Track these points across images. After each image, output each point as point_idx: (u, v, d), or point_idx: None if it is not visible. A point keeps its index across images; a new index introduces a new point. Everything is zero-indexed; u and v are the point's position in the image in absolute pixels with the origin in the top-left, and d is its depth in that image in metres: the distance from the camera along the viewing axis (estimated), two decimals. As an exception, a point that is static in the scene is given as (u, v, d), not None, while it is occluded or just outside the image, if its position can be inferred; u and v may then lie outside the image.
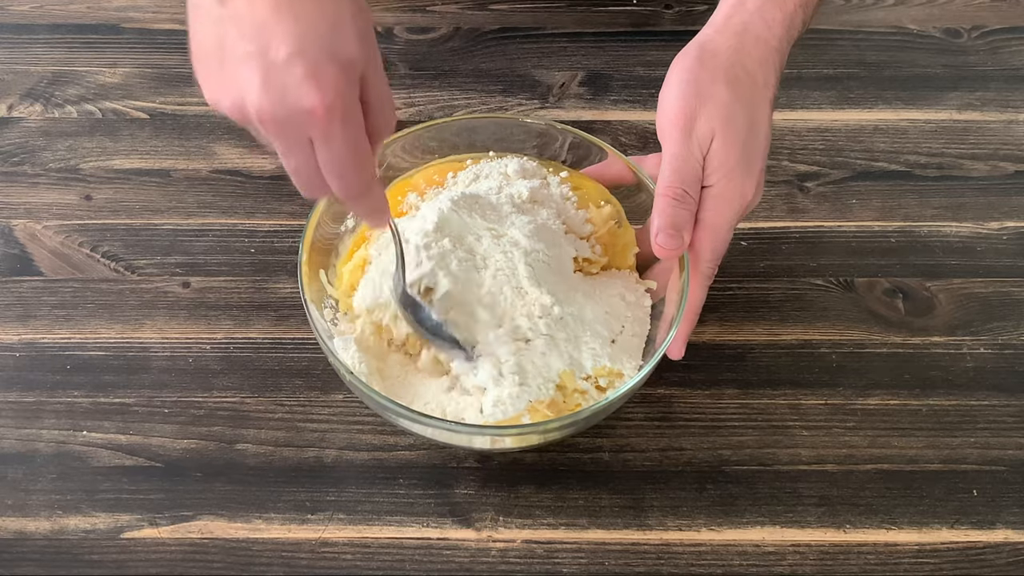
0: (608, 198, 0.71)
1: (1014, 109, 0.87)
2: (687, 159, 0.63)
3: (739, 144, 0.64)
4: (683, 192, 0.63)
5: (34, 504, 0.66)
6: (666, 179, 0.63)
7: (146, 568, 0.64)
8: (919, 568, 0.65)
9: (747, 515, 0.67)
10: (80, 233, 0.78)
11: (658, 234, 0.63)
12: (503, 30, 0.92)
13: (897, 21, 0.94)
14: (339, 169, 0.53)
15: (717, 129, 0.63)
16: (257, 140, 0.55)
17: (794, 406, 0.71)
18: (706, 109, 0.64)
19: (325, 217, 0.69)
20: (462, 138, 0.73)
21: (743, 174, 0.64)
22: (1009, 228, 0.80)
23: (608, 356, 0.64)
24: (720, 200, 0.64)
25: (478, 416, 0.62)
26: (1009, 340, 0.74)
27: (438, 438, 0.64)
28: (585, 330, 0.64)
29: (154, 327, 0.74)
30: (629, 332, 0.67)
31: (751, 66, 0.66)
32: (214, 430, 0.69)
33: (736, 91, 0.64)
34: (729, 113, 0.64)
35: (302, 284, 0.64)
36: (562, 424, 0.61)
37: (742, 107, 0.64)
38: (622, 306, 0.67)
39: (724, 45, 0.66)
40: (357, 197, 0.55)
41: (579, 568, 0.65)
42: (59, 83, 0.88)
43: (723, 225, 0.65)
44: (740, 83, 0.65)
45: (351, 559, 0.65)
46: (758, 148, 0.65)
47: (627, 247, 0.70)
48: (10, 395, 0.71)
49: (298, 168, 0.54)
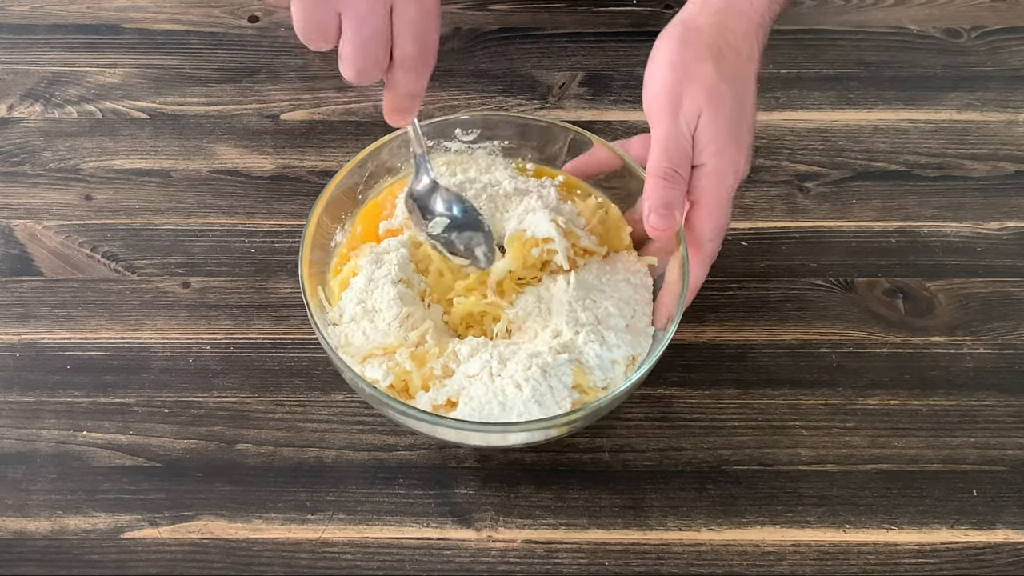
0: (588, 190, 0.72)
1: (1014, 109, 0.87)
2: (676, 139, 0.64)
3: (727, 120, 0.64)
4: (673, 172, 0.63)
5: (34, 504, 0.66)
6: (655, 159, 0.64)
7: (146, 568, 0.64)
8: (919, 568, 0.65)
9: (747, 515, 0.67)
10: (80, 233, 0.78)
11: (650, 214, 0.63)
12: (503, 30, 0.92)
13: (897, 21, 0.94)
14: (424, 27, 0.55)
15: (704, 107, 0.64)
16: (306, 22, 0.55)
17: (794, 406, 0.71)
18: (691, 87, 0.64)
19: (325, 217, 0.69)
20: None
21: (734, 149, 0.65)
22: (1009, 228, 0.80)
23: (628, 343, 0.65)
24: (714, 177, 0.65)
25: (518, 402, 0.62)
26: (1009, 340, 0.74)
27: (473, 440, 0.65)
28: (609, 329, 0.65)
29: (154, 327, 0.74)
30: (641, 313, 0.67)
31: (735, 41, 0.66)
32: (214, 430, 0.69)
33: (721, 67, 0.65)
34: (715, 90, 0.64)
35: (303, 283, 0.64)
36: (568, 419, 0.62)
37: (728, 83, 0.65)
38: (630, 290, 0.68)
39: (707, 22, 0.67)
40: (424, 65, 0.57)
41: (579, 568, 0.65)
42: (59, 83, 0.88)
43: (721, 202, 0.65)
44: (725, 59, 0.66)
45: (351, 559, 0.65)
46: (746, 122, 0.66)
47: (619, 228, 0.71)
48: (10, 395, 0.71)
49: (369, 37, 0.55)
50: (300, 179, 0.82)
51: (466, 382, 0.63)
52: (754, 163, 0.82)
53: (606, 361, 0.64)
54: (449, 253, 0.68)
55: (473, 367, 0.63)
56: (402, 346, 0.64)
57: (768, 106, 0.87)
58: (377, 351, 0.64)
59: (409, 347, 0.64)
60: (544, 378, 0.62)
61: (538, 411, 0.61)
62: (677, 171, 0.63)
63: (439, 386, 0.63)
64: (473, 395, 0.62)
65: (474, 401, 0.62)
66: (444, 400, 0.63)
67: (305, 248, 0.66)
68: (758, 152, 0.84)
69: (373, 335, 0.65)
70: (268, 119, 0.86)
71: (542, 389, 0.62)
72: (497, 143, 0.74)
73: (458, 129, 0.73)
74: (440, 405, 0.63)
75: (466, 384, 0.63)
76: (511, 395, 0.61)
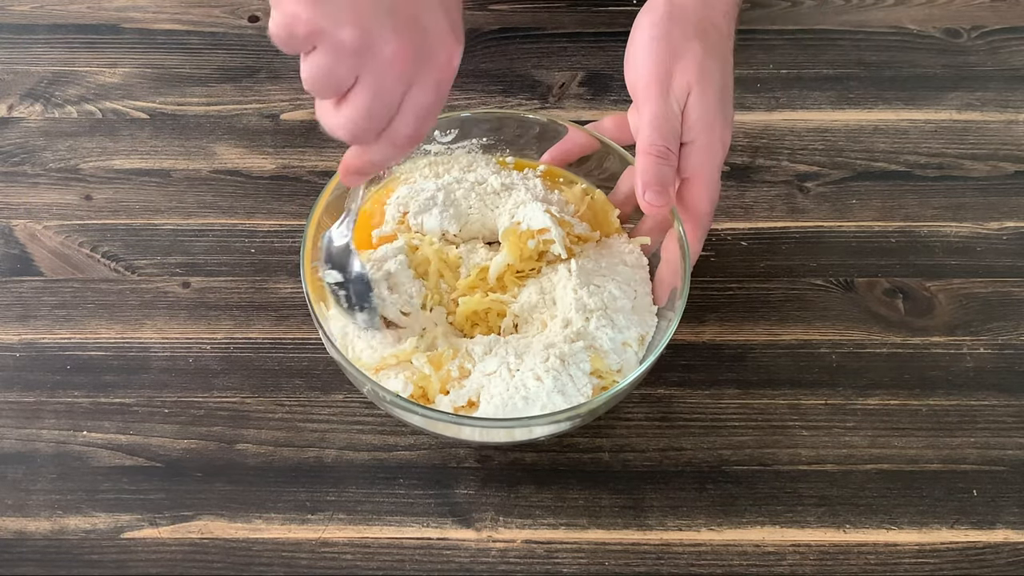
0: (570, 177, 0.73)
1: (1014, 109, 0.87)
2: (667, 117, 0.64)
3: (716, 96, 0.65)
4: (665, 149, 0.64)
5: (34, 504, 0.66)
6: (647, 138, 0.64)
7: (146, 568, 0.64)
8: (919, 568, 0.65)
9: (747, 515, 0.67)
10: (80, 233, 0.78)
11: (645, 191, 0.64)
12: (503, 30, 0.92)
13: (897, 21, 0.94)
14: (427, 114, 0.55)
15: (693, 84, 0.65)
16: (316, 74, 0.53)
17: (794, 406, 0.71)
18: (681, 65, 0.65)
19: (325, 217, 0.69)
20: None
21: (722, 124, 0.66)
22: (1009, 228, 0.80)
23: (636, 323, 0.66)
24: (705, 152, 0.65)
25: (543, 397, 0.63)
26: (1009, 340, 0.74)
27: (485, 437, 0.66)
28: (618, 312, 0.66)
29: (154, 327, 0.74)
30: (642, 293, 0.68)
31: (717, 19, 0.68)
32: (214, 430, 0.69)
33: (707, 45, 0.66)
34: (704, 67, 0.65)
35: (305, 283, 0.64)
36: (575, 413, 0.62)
37: (714, 60, 0.66)
38: (628, 271, 0.68)
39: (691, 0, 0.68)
40: (408, 144, 0.56)
41: (579, 568, 0.65)
42: (59, 83, 0.88)
43: (713, 174, 0.66)
44: (709, 36, 0.67)
45: (351, 559, 0.65)
46: (729, 98, 0.68)
47: (607, 212, 0.71)
48: (10, 395, 0.71)
49: (382, 109, 0.54)
50: (300, 179, 0.82)
51: (485, 380, 0.63)
52: (754, 163, 0.83)
53: (618, 344, 0.65)
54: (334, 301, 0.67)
55: (490, 365, 0.64)
56: (416, 352, 0.64)
57: (768, 106, 0.87)
58: (390, 359, 0.64)
59: (423, 352, 0.64)
60: (564, 367, 0.62)
61: (561, 401, 0.62)
62: (669, 148, 0.64)
63: (458, 387, 0.64)
64: (494, 393, 0.62)
65: (496, 398, 0.62)
66: (465, 401, 0.63)
67: (306, 248, 0.66)
68: (758, 152, 0.84)
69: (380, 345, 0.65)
70: (268, 119, 0.86)
71: (563, 379, 0.62)
72: (476, 141, 0.74)
73: (436, 132, 0.73)
74: (461, 407, 0.63)
75: (485, 383, 0.63)
76: (532, 388, 0.62)
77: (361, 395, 0.70)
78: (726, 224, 0.79)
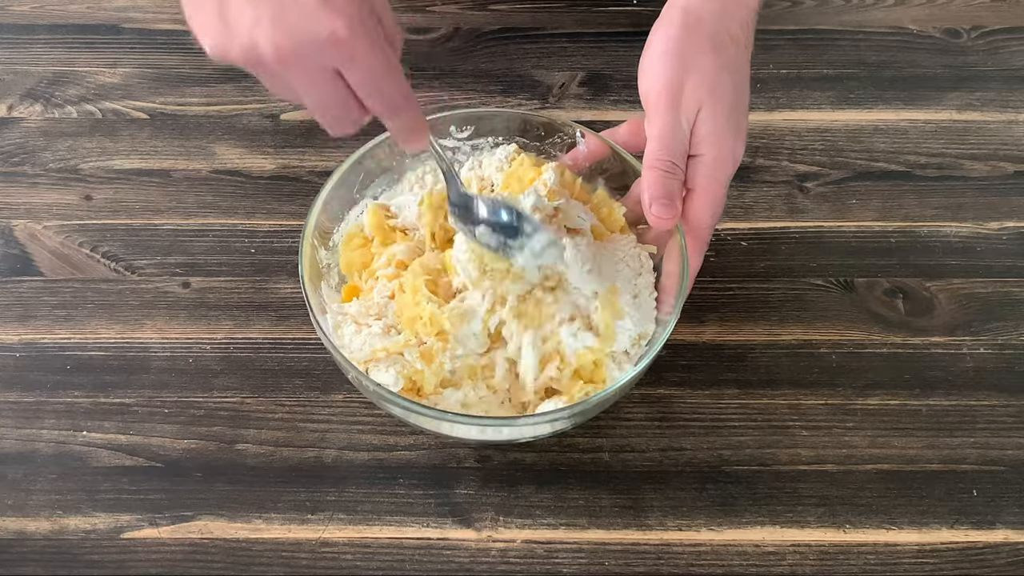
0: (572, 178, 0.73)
1: (1014, 109, 0.87)
2: (675, 132, 0.64)
3: (726, 111, 0.65)
4: (672, 164, 0.64)
5: (34, 504, 0.66)
6: (654, 152, 0.64)
7: (146, 568, 0.64)
8: (919, 568, 0.65)
9: (747, 515, 0.67)
10: (80, 233, 0.78)
11: (652, 204, 0.64)
12: (503, 30, 0.92)
13: (897, 21, 0.94)
14: (376, 84, 0.53)
15: (704, 100, 0.64)
16: (272, 90, 0.54)
17: (794, 406, 0.71)
18: (692, 79, 0.65)
19: (324, 217, 0.69)
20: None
21: (733, 137, 0.65)
22: (1009, 228, 0.80)
23: (636, 320, 0.66)
24: (713, 167, 0.65)
25: None
26: (1009, 340, 0.74)
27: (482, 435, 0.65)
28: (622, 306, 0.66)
29: (154, 327, 0.74)
30: (645, 295, 0.68)
31: (734, 30, 0.67)
32: (214, 430, 0.69)
33: (721, 58, 0.66)
34: (716, 82, 0.65)
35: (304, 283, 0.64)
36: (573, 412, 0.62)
37: (728, 73, 0.66)
38: (630, 272, 0.68)
39: (708, 10, 0.67)
40: (399, 109, 0.55)
41: (579, 568, 0.65)
42: (59, 83, 0.88)
43: (719, 190, 0.66)
44: (725, 49, 0.66)
45: (351, 559, 0.65)
46: (743, 109, 0.67)
47: (612, 210, 0.71)
48: (10, 395, 0.71)
49: (326, 102, 0.54)
50: (300, 179, 0.82)
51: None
52: (754, 163, 0.83)
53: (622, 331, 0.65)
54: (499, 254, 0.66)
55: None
56: (408, 345, 0.64)
57: (768, 106, 0.87)
58: (380, 353, 0.64)
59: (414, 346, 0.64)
60: None
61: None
62: (676, 163, 0.64)
63: None
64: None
65: None
66: None
67: (306, 248, 0.66)
68: (758, 152, 0.84)
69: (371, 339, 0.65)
70: (268, 119, 0.86)
71: None
72: (491, 139, 0.74)
73: (452, 127, 0.73)
74: None
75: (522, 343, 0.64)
76: None
77: (361, 395, 0.70)
78: (726, 224, 0.79)
